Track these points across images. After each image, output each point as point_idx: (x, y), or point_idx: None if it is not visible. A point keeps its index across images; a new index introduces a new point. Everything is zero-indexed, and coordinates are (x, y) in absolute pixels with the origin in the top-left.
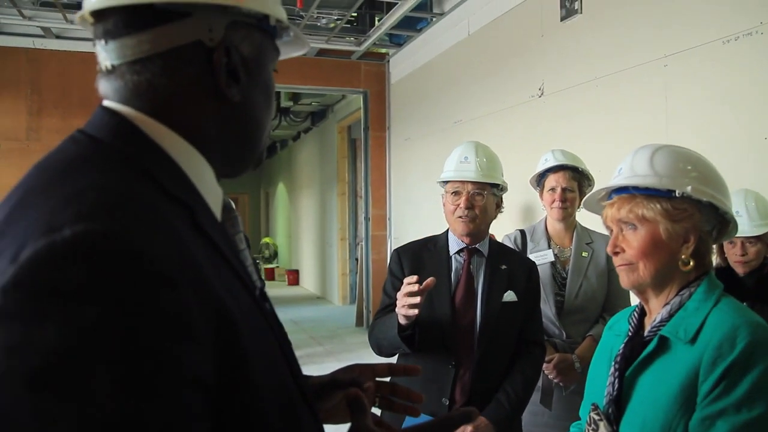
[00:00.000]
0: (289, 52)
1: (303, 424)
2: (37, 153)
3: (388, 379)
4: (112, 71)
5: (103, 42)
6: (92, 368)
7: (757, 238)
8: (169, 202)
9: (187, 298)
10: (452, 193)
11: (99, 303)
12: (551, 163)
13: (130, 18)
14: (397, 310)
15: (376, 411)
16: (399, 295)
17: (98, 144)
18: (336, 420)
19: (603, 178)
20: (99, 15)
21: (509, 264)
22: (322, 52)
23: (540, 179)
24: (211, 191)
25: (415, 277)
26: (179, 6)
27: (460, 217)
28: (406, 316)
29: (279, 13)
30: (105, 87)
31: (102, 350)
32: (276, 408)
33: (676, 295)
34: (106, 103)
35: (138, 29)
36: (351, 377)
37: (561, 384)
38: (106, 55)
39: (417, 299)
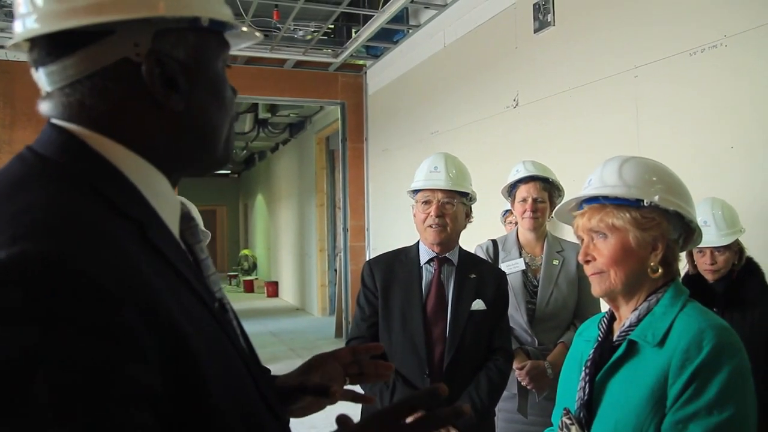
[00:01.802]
0: (241, 42)
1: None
2: None
3: None
4: (48, 95)
5: (34, 69)
6: (32, 389)
7: (726, 247)
8: (117, 219)
9: (130, 315)
10: (423, 203)
11: (38, 323)
12: (522, 174)
13: (52, 45)
14: None
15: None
16: None
17: (45, 162)
18: (310, 411)
19: (576, 187)
20: (31, 43)
21: (478, 273)
22: (299, 64)
23: (511, 190)
24: (166, 203)
25: None
26: (99, 26)
27: (431, 225)
28: None
29: (212, 12)
30: (44, 108)
31: (44, 369)
32: (238, 420)
33: (645, 300)
34: (55, 120)
35: (61, 55)
36: (318, 384)
37: (534, 390)
38: (41, 82)
39: None
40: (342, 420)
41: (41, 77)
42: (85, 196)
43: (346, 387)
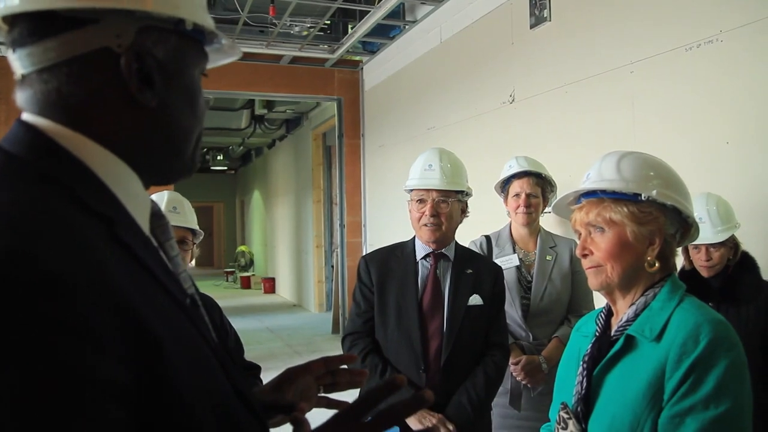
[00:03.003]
0: (220, 58)
1: (241, 424)
2: None
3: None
4: (23, 81)
5: (11, 50)
6: None
7: (721, 243)
8: (85, 216)
9: (95, 311)
10: (417, 201)
11: None
12: (515, 169)
13: (35, 25)
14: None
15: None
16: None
17: (13, 160)
18: (283, 423)
19: (572, 183)
20: (11, 23)
21: (475, 268)
22: (295, 60)
23: (504, 185)
24: (137, 200)
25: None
26: (85, 12)
27: (426, 224)
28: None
29: (197, 17)
30: (20, 98)
31: (2, 365)
32: (210, 415)
33: (642, 295)
34: (24, 116)
35: (43, 37)
36: (288, 403)
37: (529, 385)
38: (16, 64)
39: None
40: (296, 420)
41: (18, 58)
42: (52, 194)
43: (320, 395)
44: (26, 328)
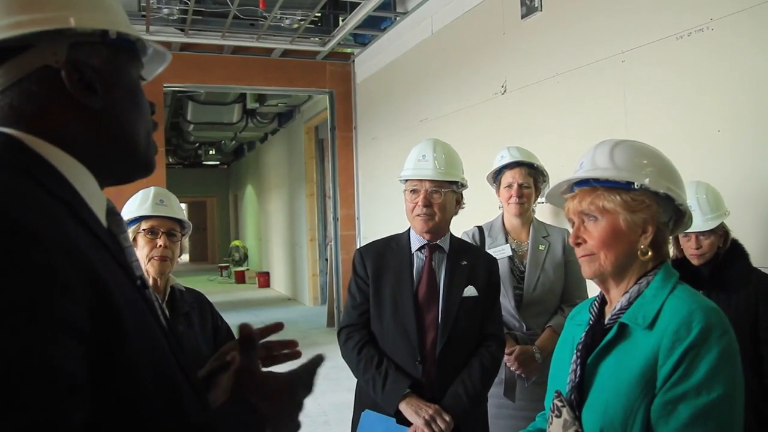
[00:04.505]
0: (156, 67)
1: (183, 394)
2: None
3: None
4: None
5: None
6: None
7: (710, 231)
8: (50, 198)
9: (60, 256)
10: (411, 191)
11: None
12: (507, 160)
13: None
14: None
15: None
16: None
17: None
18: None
19: (565, 172)
20: None
21: (470, 260)
22: (286, 53)
23: (496, 176)
24: (93, 196)
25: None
26: (19, 40)
27: (419, 215)
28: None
29: (120, 27)
30: None
31: None
32: (152, 376)
33: (635, 283)
34: None
35: None
36: (219, 363)
37: (523, 375)
38: None
39: None
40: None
41: None
42: (19, 179)
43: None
44: None
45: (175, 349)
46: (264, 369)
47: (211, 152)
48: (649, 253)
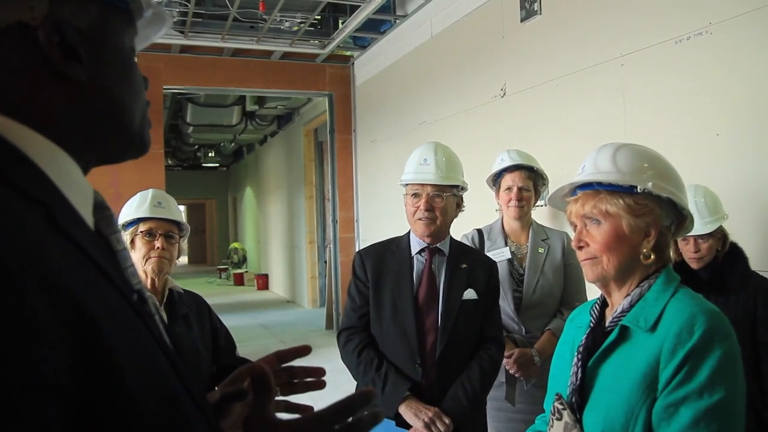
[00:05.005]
0: (153, 32)
1: (192, 425)
2: None
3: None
4: None
5: None
6: None
7: (709, 235)
8: (19, 201)
9: (36, 298)
10: (412, 195)
11: None
12: (507, 163)
13: None
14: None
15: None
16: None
17: None
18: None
19: (564, 176)
20: None
21: (470, 263)
22: (286, 56)
23: (496, 179)
24: (77, 189)
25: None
26: None
27: (420, 219)
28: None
29: None
30: None
31: None
32: (158, 408)
33: (637, 286)
34: None
35: None
36: (234, 390)
37: (522, 378)
38: None
39: None
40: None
41: None
42: None
43: (278, 398)
44: None
45: (179, 370)
46: (281, 417)
47: (210, 154)
48: (652, 257)
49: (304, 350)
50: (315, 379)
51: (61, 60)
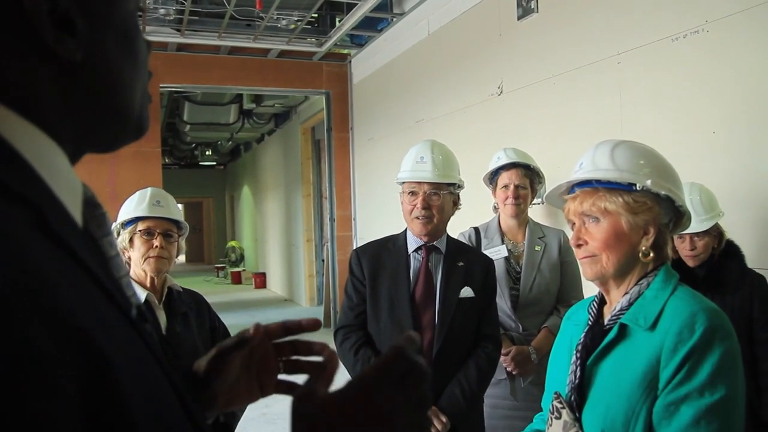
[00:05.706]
0: None
1: None
2: None
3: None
4: None
5: None
6: None
7: (705, 232)
8: (9, 206)
9: (39, 335)
10: (409, 193)
11: None
12: (503, 161)
13: None
14: None
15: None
16: None
17: None
18: (239, 402)
19: (561, 173)
20: None
21: (466, 260)
22: (283, 54)
23: (493, 177)
24: (65, 183)
25: None
26: None
27: (417, 217)
28: None
29: None
30: None
31: None
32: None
33: (635, 284)
34: None
35: None
36: (236, 339)
37: (519, 375)
38: None
39: None
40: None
41: None
42: None
43: (280, 377)
44: None
45: (180, 392)
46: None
47: (207, 153)
48: (651, 255)
49: (313, 325)
50: (319, 359)
51: (51, 35)
